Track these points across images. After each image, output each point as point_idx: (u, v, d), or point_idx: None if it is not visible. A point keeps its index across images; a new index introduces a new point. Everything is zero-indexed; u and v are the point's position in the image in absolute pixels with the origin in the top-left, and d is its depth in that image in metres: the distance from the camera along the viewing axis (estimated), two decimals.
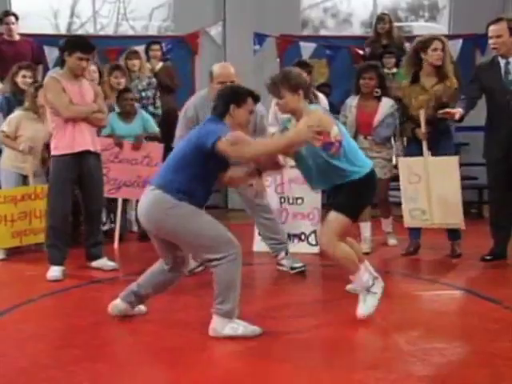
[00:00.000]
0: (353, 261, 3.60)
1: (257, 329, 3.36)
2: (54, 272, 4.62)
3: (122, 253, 5.61)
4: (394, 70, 7.55)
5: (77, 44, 4.66)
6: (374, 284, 3.63)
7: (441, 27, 8.93)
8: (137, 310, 3.70)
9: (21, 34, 7.28)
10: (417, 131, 5.09)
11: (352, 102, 5.55)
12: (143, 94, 6.61)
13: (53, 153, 4.73)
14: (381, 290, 3.65)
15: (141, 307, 3.72)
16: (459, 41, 8.26)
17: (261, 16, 8.30)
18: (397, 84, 7.27)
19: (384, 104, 5.46)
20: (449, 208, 5.01)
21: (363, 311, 3.59)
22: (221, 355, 3.20)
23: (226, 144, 3.20)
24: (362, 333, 3.47)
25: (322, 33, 9.25)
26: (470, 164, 6.78)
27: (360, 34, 9.09)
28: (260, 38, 8.39)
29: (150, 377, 2.95)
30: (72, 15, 8.92)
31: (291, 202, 5.55)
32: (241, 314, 3.39)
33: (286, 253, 4.81)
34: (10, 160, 5.62)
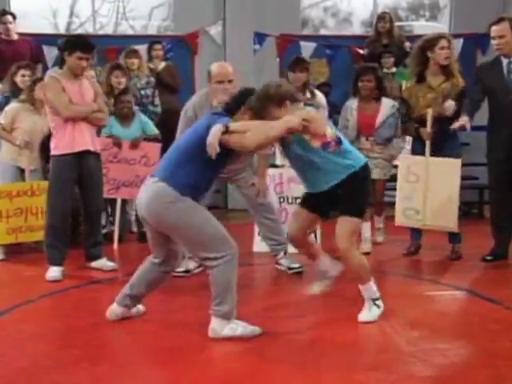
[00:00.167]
0: (367, 270, 3.61)
1: (256, 329, 3.35)
2: (53, 272, 4.61)
3: (122, 253, 5.60)
4: (393, 69, 7.55)
5: (77, 43, 4.65)
6: (379, 298, 3.64)
7: (441, 27, 8.91)
8: (135, 310, 3.68)
9: (20, 34, 7.27)
10: (421, 131, 5.02)
11: (352, 104, 5.54)
12: (142, 92, 6.59)
13: (53, 152, 4.72)
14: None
15: (139, 307, 3.71)
16: (460, 40, 8.21)
17: (261, 15, 8.29)
18: (396, 84, 7.30)
19: (385, 105, 5.47)
20: (444, 211, 4.94)
21: (366, 318, 3.59)
22: (220, 355, 3.19)
23: (218, 136, 3.14)
24: (362, 333, 3.46)
25: (322, 32, 9.25)
26: (471, 164, 6.75)
27: (360, 34, 9.08)
28: (260, 37, 8.37)
29: (149, 377, 2.95)
30: (71, 15, 8.92)
31: (290, 201, 5.53)
32: (240, 314, 3.38)
33: (284, 253, 4.81)
34: (8, 153, 5.57)
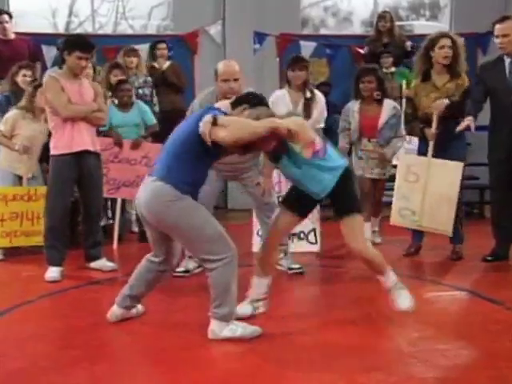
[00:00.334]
0: (383, 261, 3.60)
1: (256, 329, 3.33)
2: (52, 273, 4.59)
3: (122, 253, 5.59)
4: (392, 69, 7.54)
5: (76, 43, 4.63)
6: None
7: (442, 26, 8.90)
8: (134, 311, 3.67)
9: (19, 33, 7.25)
10: (426, 131, 4.99)
11: (353, 106, 5.54)
12: (140, 91, 6.57)
13: (52, 152, 4.71)
14: None
15: (139, 307, 3.69)
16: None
17: (261, 15, 8.28)
18: (396, 84, 7.29)
19: (386, 106, 5.49)
20: (440, 214, 4.90)
21: (406, 304, 3.58)
22: (220, 356, 3.18)
23: (208, 126, 3.11)
24: (362, 334, 3.44)
25: (323, 32, 9.25)
26: (472, 164, 6.74)
27: (360, 33, 9.08)
28: (260, 36, 8.37)
29: (149, 377, 2.94)
30: (70, 14, 8.91)
31: None
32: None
33: (284, 253, 4.80)
34: (7, 160, 5.56)
